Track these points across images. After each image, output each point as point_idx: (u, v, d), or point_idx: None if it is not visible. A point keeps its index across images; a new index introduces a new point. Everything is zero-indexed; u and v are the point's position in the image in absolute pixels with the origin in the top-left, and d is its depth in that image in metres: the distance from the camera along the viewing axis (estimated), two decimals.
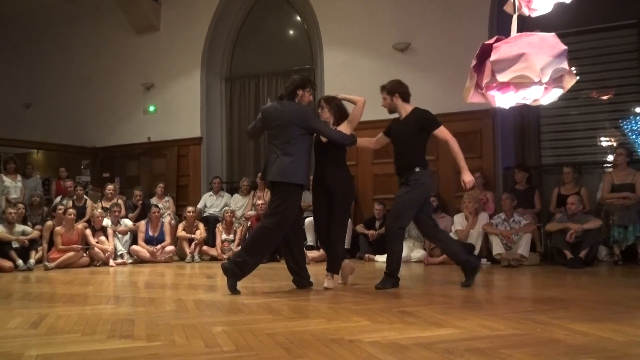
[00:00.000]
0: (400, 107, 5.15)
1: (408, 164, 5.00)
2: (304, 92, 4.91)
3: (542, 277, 6.13)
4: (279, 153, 4.75)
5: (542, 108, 8.18)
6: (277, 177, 4.71)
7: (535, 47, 3.39)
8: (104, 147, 11.65)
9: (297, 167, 4.70)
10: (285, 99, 4.89)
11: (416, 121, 5.06)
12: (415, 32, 9.03)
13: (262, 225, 4.80)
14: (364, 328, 3.24)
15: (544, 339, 2.90)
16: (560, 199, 7.72)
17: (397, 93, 5.13)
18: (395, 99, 5.12)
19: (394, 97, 5.11)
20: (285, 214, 4.71)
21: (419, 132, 5.06)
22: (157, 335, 3.14)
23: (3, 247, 7.53)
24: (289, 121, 4.76)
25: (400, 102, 5.13)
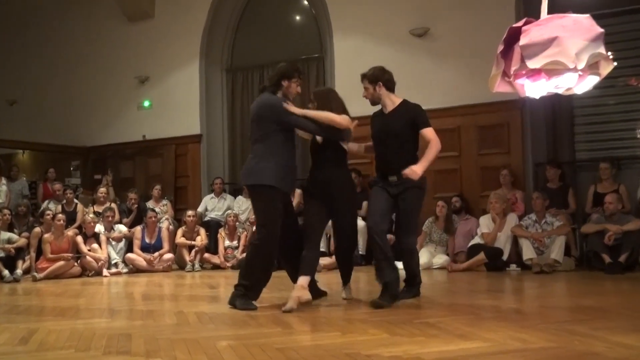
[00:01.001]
0: (384, 97, 4.86)
1: (402, 163, 4.67)
2: (290, 82, 4.72)
3: (578, 284, 6.10)
4: (251, 153, 4.74)
5: (575, 98, 8.11)
6: (243, 180, 4.76)
7: (569, 30, 3.38)
8: (95, 146, 11.71)
9: (263, 167, 4.57)
10: (267, 92, 4.75)
11: (407, 114, 4.80)
12: (435, 15, 9.00)
13: (252, 243, 4.83)
14: (382, 341, 3.24)
15: (582, 352, 2.88)
16: (597, 197, 7.66)
17: (380, 81, 4.80)
18: (379, 88, 4.80)
19: (377, 86, 4.80)
20: (269, 226, 4.57)
21: (410, 127, 4.80)
22: (156, 351, 3.15)
23: None
24: (259, 116, 4.65)
25: (384, 91, 4.83)
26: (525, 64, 3.44)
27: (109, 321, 4.27)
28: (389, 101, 4.86)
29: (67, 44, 12.09)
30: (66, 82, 12.01)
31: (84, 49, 11.88)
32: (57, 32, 12.22)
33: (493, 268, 7.30)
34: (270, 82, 4.78)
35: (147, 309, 4.80)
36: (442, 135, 8.67)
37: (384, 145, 4.84)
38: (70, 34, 12.07)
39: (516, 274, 7.12)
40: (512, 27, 3.59)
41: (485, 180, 8.60)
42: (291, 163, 4.68)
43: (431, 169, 8.76)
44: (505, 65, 3.66)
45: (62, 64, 12.10)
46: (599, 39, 3.38)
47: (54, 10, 12.29)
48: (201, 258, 8.76)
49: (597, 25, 3.41)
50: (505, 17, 7.90)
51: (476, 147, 8.72)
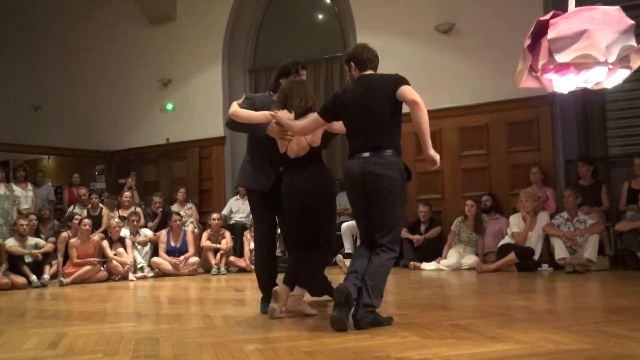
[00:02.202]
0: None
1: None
2: (288, 79, 4.69)
3: (612, 284, 6.03)
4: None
5: (607, 92, 8.02)
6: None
7: (599, 23, 3.34)
8: (118, 150, 11.88)
9: (242, 168, 4.77)
10: (269, 91, 4.82)
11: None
12: (460, 10, 8.96)
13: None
14: (412, 344, 3.24)
15: (618, 355, 2.85)
16: (632, 194, 7.56)
17: (351, 61, 4.14)
18: (354, 70, 4.14)
19: (350, 67, 4.16)
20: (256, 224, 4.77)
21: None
22: (184, 355, 3.19)
23: (15, 262, 7.76)
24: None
25: (357, 72, 4.13)
26: (553, 58, 3.41)
27: (136, 325, 4.33)
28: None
29: (89, 48, 12.26)
30: (89, 86, 12.19)
31: (106, 52, 12.04)
32: (79, 37, 12.40)
33: (524, 268, 7.23)
34: (272, 81, 4.85)
35: (174, 313, 4.86)
36: (470, 133, 8.77)
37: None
38: (92, 38, 12.24)
39: (548, 274, 7.05)
40: (539, 20, 3.56)
41: (515, 178, 8.53)
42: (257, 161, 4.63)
43: (459, 167, 8.81)
44: (532, 60, 3.63)
45: (84, 69, 12.29)
46: (630, 31, 3.34)
47: (76, 14, 12.48)
48: (227, 261, 8.83)
49: (627, 17, 3.36)
50: (532, 11, 7.83)
51: (505, 144, 8.65)
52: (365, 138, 3.92)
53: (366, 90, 4.00)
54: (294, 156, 4.34)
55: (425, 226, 8.50)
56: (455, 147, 8.92)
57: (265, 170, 4.55)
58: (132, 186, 10.24)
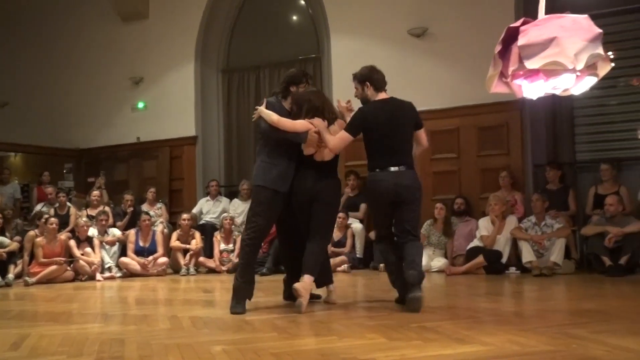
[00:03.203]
0: (372, 98, 4.88)
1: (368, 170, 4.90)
2: (298, 88, 4.90)
3: (578, 287, 6.12)
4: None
5: (576, 98, 8.11)
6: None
7: (568, 31, 3.39)
8: (88, 148, 11.71)
9: (256, 167, 4.87)
10: (277, 97, 4.98)
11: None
12: (433, 15, 9.03)
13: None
14: (379, 346, 3.25)
15: (581, 356, 2.90)
16: (598, 199, 7.69)
17: (367, 81, 4.86)
18: (367, 88, 4.85)
19: (365, 86, 4.86)
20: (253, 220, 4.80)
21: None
22: (150, 357, 3.16)
23: None
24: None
25: (372, 91, 4.86)
26: (523, 64, 3.45)
27: (102, 326, 4.28)
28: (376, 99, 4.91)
29: (59, 45, 12.08)
30: (59, 83, 12.00)
31: (77, 49, 11.87)
32: (50, 33, 12.21)
33: (492, 271, 7.32)
34: (279, 88, 4.98)
35: (141, 314, 4.81)
36: (441, 137, 8.84)
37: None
38: (63, 35, 12.06)
39: (515, 276, 7.14)
40: (510, 27, 3.60)
41: (485, 182, 8.61)
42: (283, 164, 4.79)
43: (430, 170, 8.87)
44: (503, 66, 3.67)
45: (54, 64, 12.10)
46: (598, 39, 3.40)
47: (47, 10, 12.28)
48: (196, 262, 8.77)
49: (595, 25, 3.42)
50: (503, 17, 7.92)
51: (475, 148, 8.74)
52: (393, 154, 4.70)
53: (395, 112, 4.78)
54: (319, 159, 4.81)
55: None
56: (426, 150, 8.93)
57: (288, 173, 4.81)
58: (101, 185, 10.11)
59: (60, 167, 11.79)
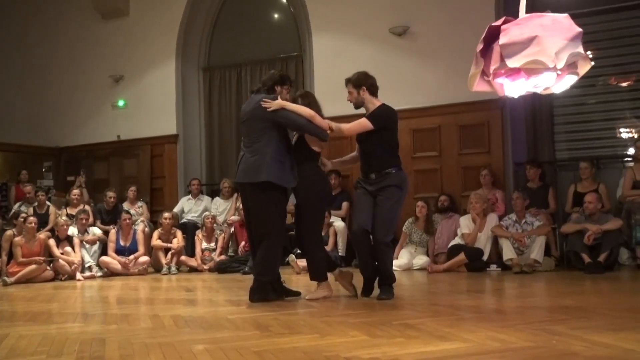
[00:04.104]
0: (367, 102, 5.11)
1: (382, 162, 5.03)
2: (282, 89, 5.00)
3: (558, 284, 6.17)
4: (245, 151, 4.95)
5: (555, 97, 8.24)
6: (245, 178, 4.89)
7: (548, 30, 3.42)
8: (68, 147, 11.59)
9: (260, 164, 4.81)
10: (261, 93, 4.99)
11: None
12: (414, 14, 9.06)
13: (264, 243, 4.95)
14: (361, 343, 3.25)
15: (561, 352, 2.92)
16: (577, 197, 7.76)
17: (364, 86, 5.07)
18: (363, 92, 5.07)
19: (361, 90, 5.06)
20: (271, 221, 4.86)
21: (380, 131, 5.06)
22: (131, 356, 3.13)
23: None
24: (252, 114, 4.92)
25: (368, 96, 5.09)
26: (504, 63, 3.48)
27: (82, 326, 4.23)
28: (372, 105, 5.06)
29: (39, 42, 11.94)
30: (38, 81, 11.87)
31: (56, 46, 11.75)
32: (30, 30, 12.06)
33: (473, 268, 7.36)
34: (264, 86, 5.00)
35: (122, 313, 4.77)
36: (423, 135, 8.89)
37: (365, 145, 5.08)
38: (42, 32, 11.92)
39: (496, 274, 7.19)
40: (491, 25, 3.63)
41: (466, 180, 8.67)
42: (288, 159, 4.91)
43: (412, 169, 8.91)
44: (484, 64, 3.69)
45: (33, 62, 11.95)
46: (578, 38, 3.43)
47: (26, 8, 12.13)
48: (177, 261, 8.72)
49: (575, 24, 3.45)
50: (485, 16, 7.96)
51: (457, 146, 8.79)
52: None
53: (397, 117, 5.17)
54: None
55: None
56: (407, 148, 8.99)
57: (293, 169, 4.96)
58: (82, 184, 10.02)
59: (39, 166, 11.65)
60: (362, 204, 5.08)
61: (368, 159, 5.09)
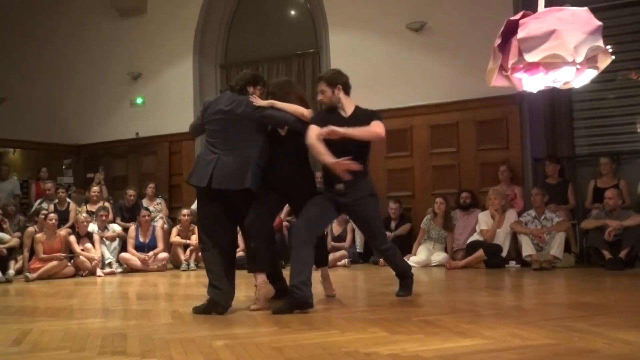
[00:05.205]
0: (343, 100, 4.65)
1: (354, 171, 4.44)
2: (255, 89, 4.70)
3: (578, 281, 6.13)
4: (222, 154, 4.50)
5: (574, 92, 8.16)
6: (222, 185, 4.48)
7: (567, 23, 3.39)
8: (87, 144, 11.71)
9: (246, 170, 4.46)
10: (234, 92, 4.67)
11: (367, 120, 4.57)
12: (431, 9, 9.02)
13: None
14: (381, 339, 3.26)
15: (581, 349, 2.90)
16: (597, 193, 7.70)
17: (339, 84, 4.62)
18: (338, 91, 4.62)
19: (336, 89, 4.61)
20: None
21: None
22: (152, 351, 3.16)
23: None
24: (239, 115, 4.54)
25: (342, 95, 4.65)
26: (523, 57, 3.45)
27: (103, 321, 4.28)
28: (347, 103, 4.67)
29: (57, 40, 12.06)
30: (57, 79, 11.99)
31: (75, 45, 11.86)
32: (47, 28, 12.19)
33: (492, 265, 7.33)
34: (236, 85, 4.70)
35: (142, 309, 4.81)
36: (440, 131, 8.86)
37: (339, 150, 4.40)
38: (61, 30, 12.04)
39: (515, 270, 7.14)
40: (509, 20, 3.60)
41: (484, 176, 8.62)
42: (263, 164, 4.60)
43: (429, 165, 8.88)
44: (502, 59, 3.66)
45: (52, 60, 12.08)
46: (598, 32, 3.39)
47: (45, 6, 12.26)
48: (196, 257, 8.74)
49: (595, 18, 3.42)
50: (502, 10, 7.92)
51: (475, 142, 8.75)
52: None
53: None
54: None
55: (395, 223, 8.55)
56: (425, 144, 8.99)
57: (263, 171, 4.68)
58: (100, 181, 10.12)
59: (59, 163, 11.80)
60: (319, 209, 4.56)
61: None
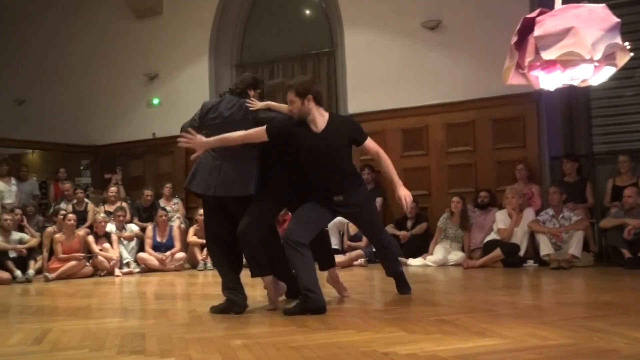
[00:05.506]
0: (314, 112, 4.31)
1: (345, 182, 4.44)
2: (255, 92, 4.65)
3: (596, 280, 6.08)
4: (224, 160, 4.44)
5: (592, 89, 8.07)
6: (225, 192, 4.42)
7: (584, 20, 3.36)
8: (104, 145, 11.79)
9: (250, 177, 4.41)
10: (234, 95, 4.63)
11: (345, 131, 4.41)
12: (447, 7, 8.98)
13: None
14: (398, 339, 3.26)
15: (601, 349, 2.88)
16: (616, 191, 7.62)
17: (310, 94, 4.27)
18: (308, 102, 4.27)
19: (306, 99, 4.26)
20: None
21: (348, 145, 4.45)
22: (170, 351, 3.19)
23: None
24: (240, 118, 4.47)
25: (313, 105, 4.30)
26: (539, 55, 3.43)
27: (121, 321, 4.32)
28: (319, 116, 4.34)
29: (74, 42, 12.15)
30: (74, 80, 12.08)
31: (91, 46, 11.94)
32: (65, 30, 12.29)
33: (509, 264, 7.28)
34: (237, 88, 4.66)
35: (160, 308, 4.85)
36: (456, 130, 8.82)
37: (320, 166, 4.35)
38: (77, 32, 12.13)
39: (533, 270, 7.10)
40: (525, 17, 3.58)
41: (501, 174, 8.57)
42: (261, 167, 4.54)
43: (445, 164, 8.86)
44: (519, 57, 3.65)
45: (70, 63, 12.18)
46: (615, 28, 3.37)
47: (61, 8, 12.36)
48: None
49: (613, 15, 3.39)
50: (519, 8, 7.86)
51: (491, 141, 8.70)
52: None
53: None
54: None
55: (411, 222, 8.52)
56: (441, 143, 8.95)
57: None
58: (118, 181, 10.20)
59: (77, 164, 11.88)
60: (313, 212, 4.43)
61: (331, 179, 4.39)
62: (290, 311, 4.18)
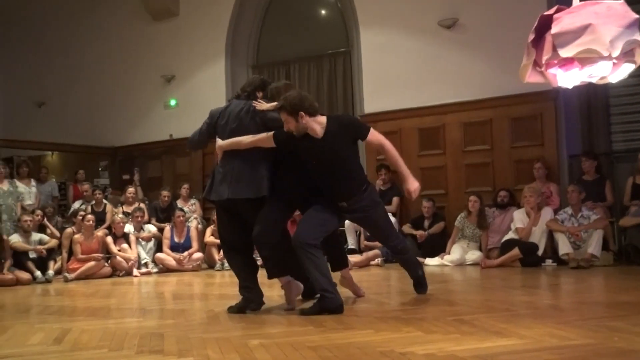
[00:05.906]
0: (311, 124, 4.25)
1: (351, 187, 4.39)
2: (263, 94, 4.64)
3: (616, 279, 6.02)
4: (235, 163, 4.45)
5: (610, 87, 8.00)
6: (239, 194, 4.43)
7: (603, 17, 3.33)
8: (122, 146, 11.90)
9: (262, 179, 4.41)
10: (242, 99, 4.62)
11: (346, 133, 4.37)
12: (463, 5, 8.94)
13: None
14: (416, 339, 3.25)
15: (622, 349, 2.85)
16: (636, 189, 7.54)
17: (301, 111, 4.19)
18: (301, 118, 4.19)
19: (299, 117, 4.19)
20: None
21: (352, 145, 4.45)
22: (189, 350, 3.20)
23: (19, 258, 7.78)
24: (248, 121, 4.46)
25: (308, 119, 4.23)
26: (557, 52, 3.41)
27: (140, 321, 4.35)
28: (316, 125, 4.28)
29: (92, 44, 12.26)
30: (92, 82, 12.20)
31: (109, 48, 12.05)
32: (83, 33, 12.40)
33: (528, 264, 7.23)
34: (243, 92, 4.67)
35: (178, 308, 4.88)
36: (474, 128, 8.78)
37: (325, 173, 4.36)
38: (95, 34, 12.24)
39: (552, 269, 7.04)
40: (543, 15, 3.56)
41: (519, 173, 8.52)
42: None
43: (462, 163, 8.82)
44: (536, 55, 3.62)
45: (88, 64, 12.29)
46: (634, 25, 3.33)
47: (79, 10, 12.48)
48: None
49: (631, 11, 3.36)
50: (536, 5, 7.78)
51: (509, 139, 8.65)
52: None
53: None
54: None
55: (428, 222, 8.50)
56: (458, 142, 8.91)
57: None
58: (136, 182, 10.28)
59: (95, 165, 12.00)
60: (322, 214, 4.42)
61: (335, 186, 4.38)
62: (307, 311, 4.18)
